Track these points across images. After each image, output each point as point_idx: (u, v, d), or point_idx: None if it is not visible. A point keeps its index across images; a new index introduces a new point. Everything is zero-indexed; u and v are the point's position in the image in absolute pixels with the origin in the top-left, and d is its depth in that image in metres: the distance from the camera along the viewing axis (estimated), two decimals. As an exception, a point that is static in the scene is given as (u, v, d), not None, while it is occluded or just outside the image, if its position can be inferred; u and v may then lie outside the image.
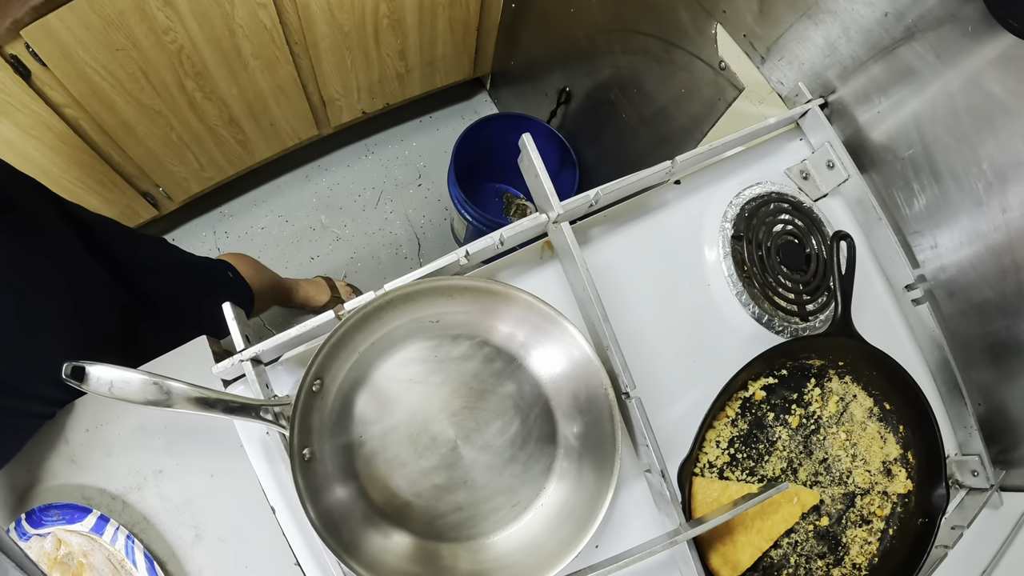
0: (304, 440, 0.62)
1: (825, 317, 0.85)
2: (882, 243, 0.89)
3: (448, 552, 0.69)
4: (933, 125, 0.79)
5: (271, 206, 1.96)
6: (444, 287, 0.66)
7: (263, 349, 0.66)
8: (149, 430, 0.72)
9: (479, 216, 1.64)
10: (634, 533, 0.74)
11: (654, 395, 0.76)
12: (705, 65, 1.09)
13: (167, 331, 0.83)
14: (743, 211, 0.85)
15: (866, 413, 0.83)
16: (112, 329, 0.87)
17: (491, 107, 2.13)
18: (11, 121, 1.18)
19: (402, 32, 1.60)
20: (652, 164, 0.77)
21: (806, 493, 0.79)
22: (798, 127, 0.94)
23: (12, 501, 0.70)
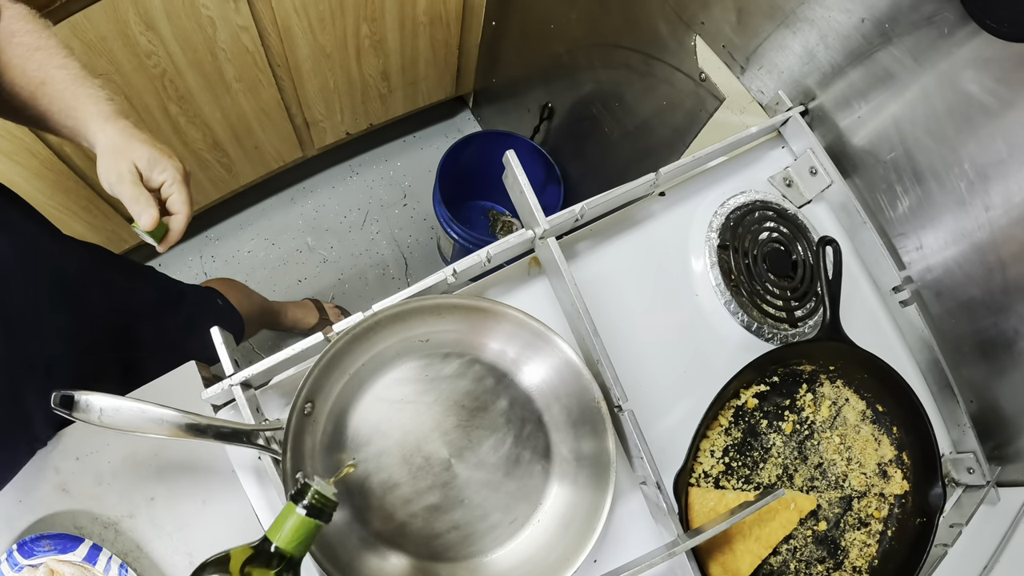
0: (297, 464, 0.62)
1: (814, 323, 0.86)
2: (868, 246, 0.90)
3: (446, 572, 0.68)
4: (913, 127, 0.80)
5: (257, 229, 1.96)
6: (433, 306, 0.66)
7: (252, 373, 0.65)
8: (140, 457, 0.71)
9: (465, 234, 1.64)
10: (632, 546, 0.74)
11: (647, 407, 0.76)
12: (686, 77, 1.10)
13: (156, 359, 0.82)
14: (728, 220, 0.85)
15: (859, 416, 0.83)
16: (103, 356, 0.86)
17: (474, 125, 2.14)
18: None
19: (384, 52, 1.60)
20: (636, 177, 0.77)
21: (803, 498, 0.79)
22: (780, 135, 0.95)
23: (4, 532, 0.69)
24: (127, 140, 0.70)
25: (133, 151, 0.69)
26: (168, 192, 0.71)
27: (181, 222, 0.72)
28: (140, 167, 0.69)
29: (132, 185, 0.68)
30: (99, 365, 0.85)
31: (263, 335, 1.84)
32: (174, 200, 0.72)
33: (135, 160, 0.69)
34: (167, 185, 0.71)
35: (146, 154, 0.69)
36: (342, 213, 2.00)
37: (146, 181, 0.70)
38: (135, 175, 0.68)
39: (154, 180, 0.70)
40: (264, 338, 1.85)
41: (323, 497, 0.53)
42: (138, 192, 0.68)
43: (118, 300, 0.92)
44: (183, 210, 0.72)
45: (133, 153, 0.69)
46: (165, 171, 0.70)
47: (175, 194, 0.71)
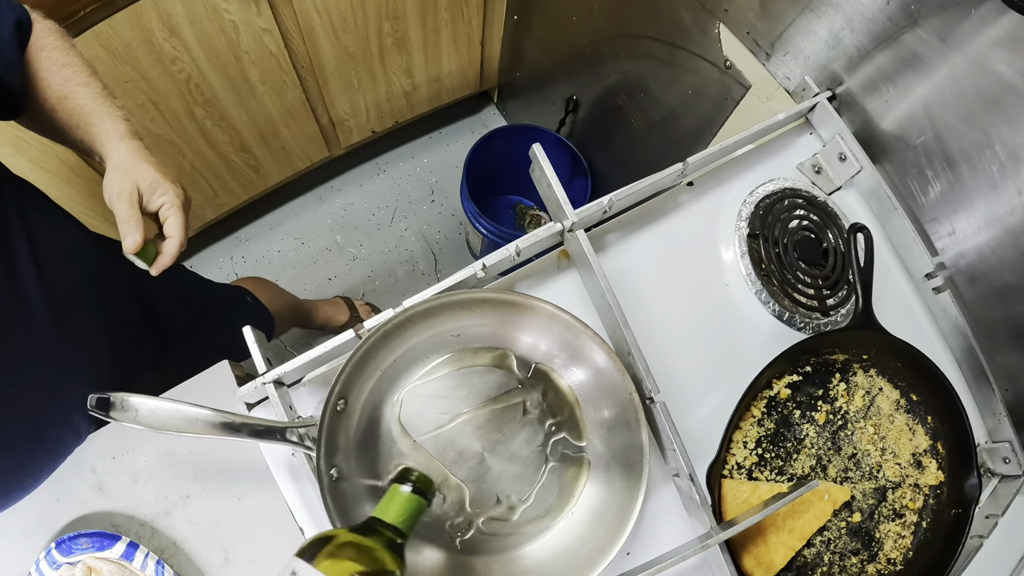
0: (331, 460, 0.62)
1: (846, 311, 0.85)
2: (899, 233, 0.89)
3: (481, 566, 0.68)
4: (943, 110, 0.78)
5: (286, 229, 1.98)
6: (463, 301, 0.67)
7: (285, 371, 0.66)
8: (175, 456, 0.72)
9: (494, 229, 1.64)
10: (665, 538, 0.74)
11: (678, 399, 0.76)
12: (710, 65, 1.09)
13: (187, 357, 0.83)
14: (758, 209, 0.85)
15: (893, 406, 0.82)
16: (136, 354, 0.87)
17: (500, 119, 2.14)
18: (25, 156, 1.19)
19: (407, 50, 1.61)
20: (663, 167, 0.77)
21: (837, 490, 0.78)
22: (807, 121, 0.93)
23: (42, 531, 0.71)
24: (136, 160, 0.71)
25: (139, 171, 0.70)
26: (165, 215, 0.72)
27: (174, 246, 0.72)
28: (142, 188, 0.70)
29: (128, 206, 0.69)
30: (132, 363, 0.86)
31: (295, 333, 1.86)
32: (170, 224, 0.72)
33: (138, 181, 0.70)
34: (165, 208, 0.72)
35: (150, 176, 0.71)
36: (370, 211, 2.02)
37: (145, 203, 0.71)
38: (135, 196, 0.69)
39: (153, 203, 0.71)
40: (296, 336, 1.87)
41: (425, 478, 0.60)
42: (131, 214, 0.69)
43: (150, 299, 0.93)
44: (177, 234, 0.72)
45: (139, 174, 0.70)
46: (165, 194, 0.71)
47: (172, 218, 0.72)
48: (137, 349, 0.89)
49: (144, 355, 0.90)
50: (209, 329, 1.07)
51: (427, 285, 0.68)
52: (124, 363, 0.83)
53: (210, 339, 1.03)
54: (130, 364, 0.85)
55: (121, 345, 0.83)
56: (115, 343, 0.82)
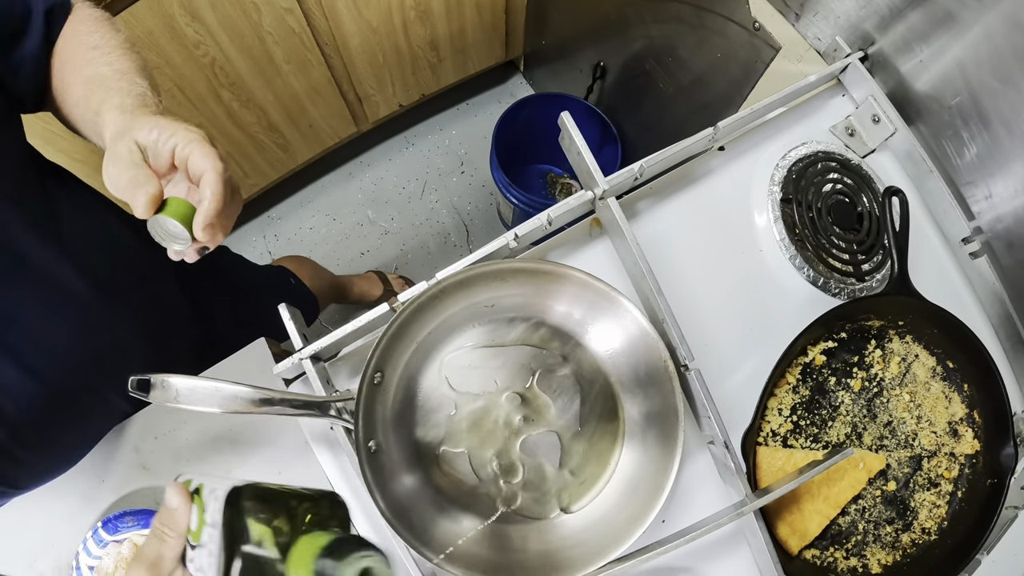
0: (369, 433, 0.63)
1: (882, 276, 0.83)
2: (935, 196, 0.87)
3: (517, 534, 0.69)
4: (978, 70, 0.76)
5: (317, 206, 1.99)
6: (496, 271, 0.66)
7: (321, 346, 0.66)
8: (216, 433, 0.73)
9: (525, 198, 1.63)
10: (700, 506, 0.74)
11: (713, 366, 0.76)
12: (739, 27, 1.07)
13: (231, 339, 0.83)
14: (790, 173, 0.83)
15: (929, 373, 0.81)
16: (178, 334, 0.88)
17: (527, 89, 2.12)
18: (55, 148, 1.20)
19: (430, 22, 1.59)
20: (694, 132, 0.76)
21: (872, 458, 0.78)
22: (839, 83, 0.91)
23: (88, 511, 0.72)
24: (130, 121, 0.56)
25: (135, 129, 0.55)
26: (184, 154, 0.54)
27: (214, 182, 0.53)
28: (142, 142, 0.55)
29: (128, 166, 0.54)
30: (173, 346, 0.86)
31: (330, 309, 1.88)
32: (195, 160, 0.54)
33: (136, 138, 0.55)
34: (180, 148, 0.54)
35: (149, 124, 0.55)
36: (400, 184, 2.02)
37: (152, 157, 0.55)
38: (135, 154, 0.54)
39: (162, 151, 0.55)
40: (331, 311, 1.89)
41: None
42: (133, 173, 0.53)
43: (191, 282, 0.93)
44: (210, 164, 0.54)
45: (134, 131, 0.55)
46: (174, 134, 0.54)
47: (193, 154, 0.54)
48: (177, 332, 0.88)
49: (185, 338, 0.90)
50: (255, 312, 1.07)
51: (459, 257, 0.67)
52: (163, 346, 0.82)
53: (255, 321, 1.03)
54: (170, 347, 0.85)
55: (159, 328, 0.82)
56: (153, 327, 0.80)
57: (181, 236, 0.55)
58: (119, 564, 0.69)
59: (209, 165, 0.53)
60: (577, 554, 0.67)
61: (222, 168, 0.54)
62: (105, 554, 0.69)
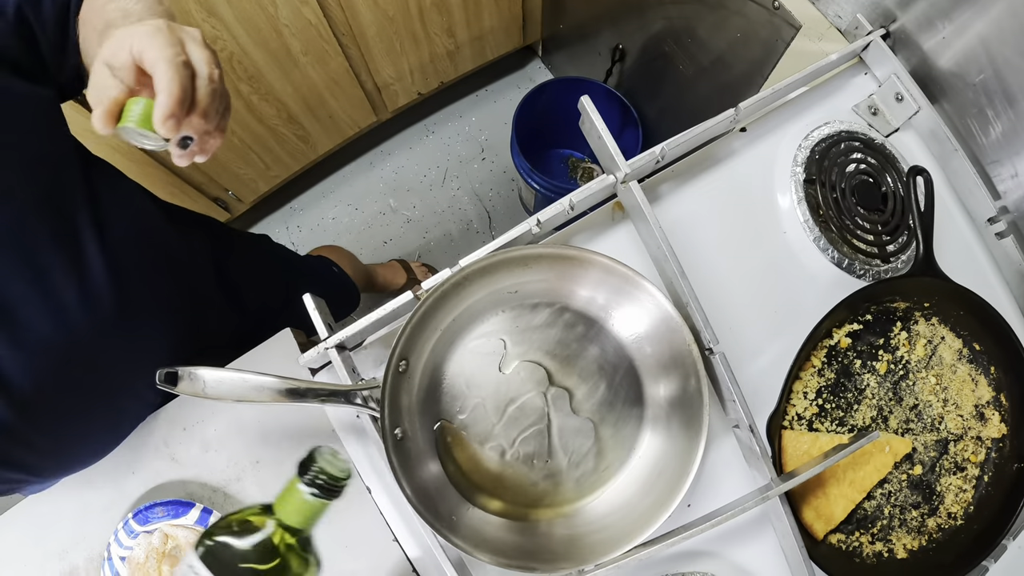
0: (395, 420, 0.63)
1: (907, 257, 0.83)
2: (960, 176, 0.86)
3: (543, 518, 0.69)
4: (1002, 47, 0.75)
5: (339, 196, 1.99)
6: (519, 257, 0.66)
7: (347, 335, 0.66)
8: (243, 423, 0.74)
9: (546, 183, 1.63)
10: (726, 490, 0.74)
11: (737, 349, 0.75)
12: (759, 6, 1.05)
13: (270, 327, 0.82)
14: (813, 153, 0.82)
15: (955, 355, 0.80)
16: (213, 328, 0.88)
17: (546, 73, 2.11)
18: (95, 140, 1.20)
19: (447, 9, 1.58)
20: (714, 114, 0.75)
21: (898, 441, 0.77)
22: (861, 61, 0.90)
23: (119, 503, 0.73)
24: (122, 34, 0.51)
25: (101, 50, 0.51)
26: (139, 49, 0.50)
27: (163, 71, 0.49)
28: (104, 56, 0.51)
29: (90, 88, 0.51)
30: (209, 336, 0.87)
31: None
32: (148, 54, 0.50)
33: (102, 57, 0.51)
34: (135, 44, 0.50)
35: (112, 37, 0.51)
36: (421, 172, 2.02)
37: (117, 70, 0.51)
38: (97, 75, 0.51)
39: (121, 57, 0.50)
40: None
41: (329, 476, 0.48)
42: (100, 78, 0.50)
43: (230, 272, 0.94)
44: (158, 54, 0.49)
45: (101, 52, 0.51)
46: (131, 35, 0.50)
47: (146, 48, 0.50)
48: (214, 322, 0.88)
49: (220, 328, 0.90)
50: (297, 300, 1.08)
51: (482, 243, 0.67)
52: (198, 336, 0.83)
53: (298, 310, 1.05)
54: (206, 337, 0.85)
55: (195, 319, 0.82)
56: (188, 317, 0.80)
57: (148, 136, 0.52)
58: (150, 554, 0.69)
59: (158, 55, 0.49)
60: (602, 539, 0.67)
61: (173, 53, 0.50)
62: (136, 544, 0.70)
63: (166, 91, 0.49)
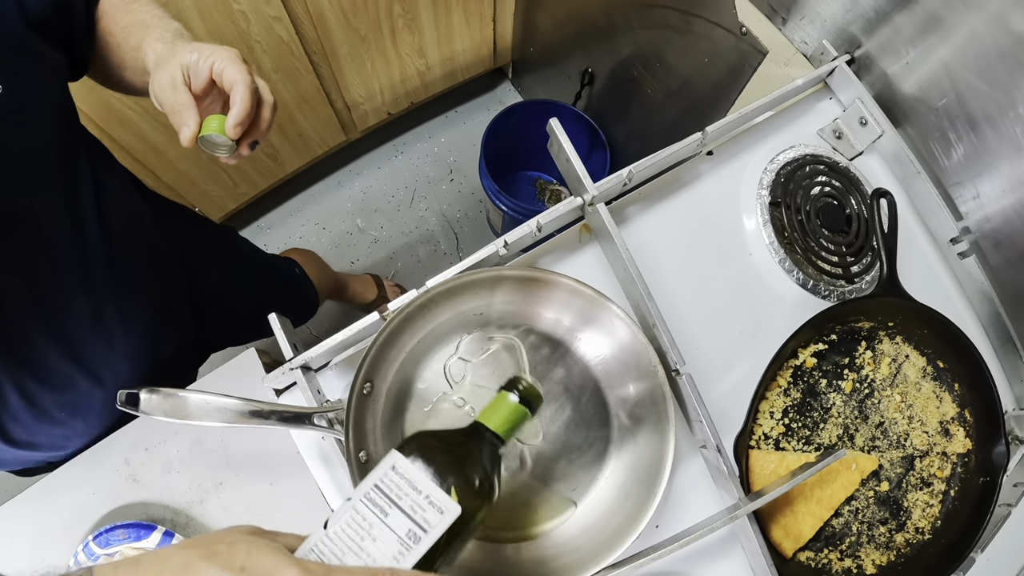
0: (360, 443, 0.63)
1: (871, 278, 0.84)
2: (923, 197, 0.87)
3: (511, 543, 0.69)
4: (964, 72, 0.76)
5: (307, 215, 1.99)
6: (485, 279, 0.66)
7: (311, 356, 0.66)
8: (207, 444, 0.73)
9: (514, 205, 1.64)
10: (694, 511, 0.74)
11: (704, 370, 0.76)
12: (726, 32, 1.07)
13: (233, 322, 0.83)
14: (779, 176, 0.83)
15: (920, 373, 0.81)
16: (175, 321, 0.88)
17: (515, 95, 2.13)
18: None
19: (418, 30, 1.60)
20: (682, 137, 0.76)
21: (864, 459, 0.78)
22: (826, 86, 0.92)
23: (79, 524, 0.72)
24: (173, 48, 0.64)
25: (177, 54, 0.62)
26: (220, 69, 0.61)
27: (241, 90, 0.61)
28: (184, 62, 0.62)
29: (171, 90, 0.61)
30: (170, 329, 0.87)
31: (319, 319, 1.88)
32: (228, 73, 0.61)
33: (181, 62, 0.62)
34: (217, 64, 0.61)
35: (189, 48, 0.62)
36: (389, 193, 2.02)
37: (192, 79, 0.62)
38: (178, 79, 0.62)
39: (202, 69, 0.62)
40: (321, 320, 1.89)
41: (533, 389, 0.56)
42: (176, 99, 0.61)
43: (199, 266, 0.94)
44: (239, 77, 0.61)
45: (177, 56, 0.62)
46: (212, 53, 0.61)
47: (227, 68, 0.61)
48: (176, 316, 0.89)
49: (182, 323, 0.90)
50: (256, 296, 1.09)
51: (449, 264, 0.68)
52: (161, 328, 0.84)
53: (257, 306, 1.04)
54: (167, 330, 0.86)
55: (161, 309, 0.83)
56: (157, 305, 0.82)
57: (222, 144, 0.64)
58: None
59: (239, 77, 0.61)
60: (571, 561, 0.67)
61: (250, 80, 0.62)
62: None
63: (242, 103, 0.61)
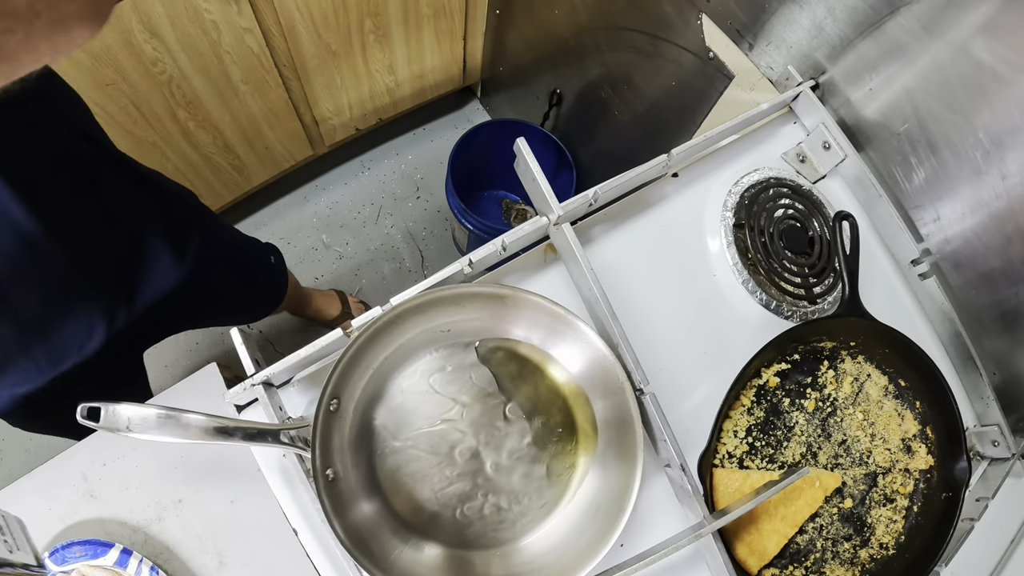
0: (326, 460, 0.62)
1: (833, 299, 0.85)
2: (884, 220, 0.89)
3: (480, 560, 0.68)
4: (926, 98, 0.79)
5: (272, 229, 1.97)
6: (453, 295, 0.66)
7: (274, 372, 0.65)
8: (166, 460, 0.72)
9: (480, 224, 1.64)
10: (659, 529, 0.74)
11: (668, 389, 0.76)
12: (693, 56, 1.09)
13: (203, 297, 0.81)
14: (743, 199, 0.85)
15: (881, 391, 0.83)
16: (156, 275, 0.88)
17: (483, 115, 2.14)
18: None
19: (389, 47, 1.60)
20: (648, 159, 0.77)
21: (828, 476, 0.79)
22: (791, 111, 0.94)
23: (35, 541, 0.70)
24: None
25: None
26: None
27: None
28: None
29: None
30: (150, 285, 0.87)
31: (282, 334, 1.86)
32: None
33: None
34: None
35: None
36: (355, 209, 2.01)
37: None
38: None
39: None
40: (284, 335, 1.87)
41: None
42: None
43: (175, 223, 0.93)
44: None
45: None
46: None
47: None
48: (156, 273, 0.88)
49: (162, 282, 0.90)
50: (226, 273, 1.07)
51: (414, 282, 0.68)
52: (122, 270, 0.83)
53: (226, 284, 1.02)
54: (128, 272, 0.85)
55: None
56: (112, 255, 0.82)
57: None
58: (67, 598, 0.67)
59: None
60: (540, 578, 0.67)
61: None
62: (52, 587, 0.68)
63: None
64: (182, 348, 1.84)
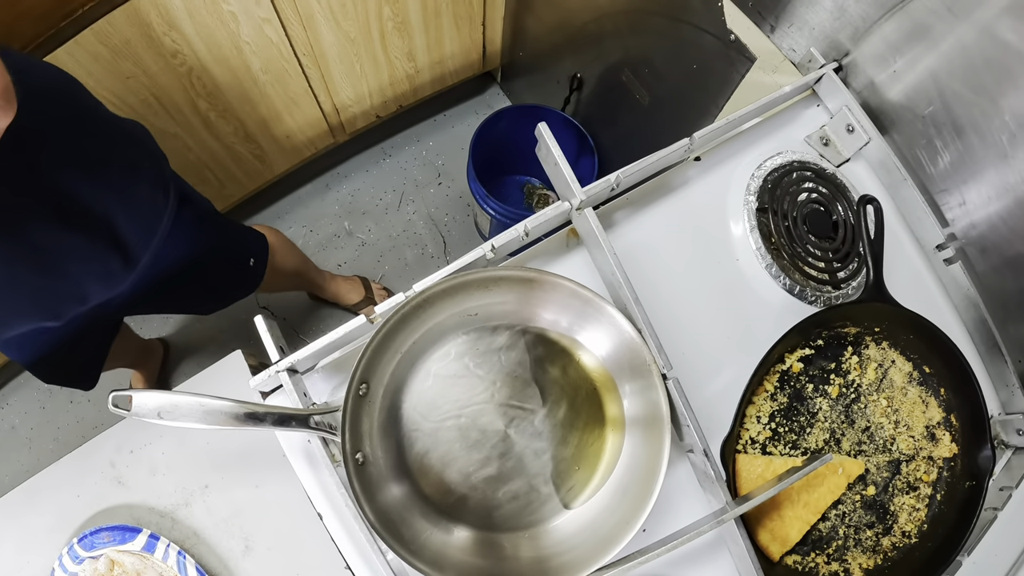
0: (356, 444, 0.63)
1: (857, 284, 0.85)
2: (909, 204, 0.88)
3: (509, 542, 0.69)
4: (951, 80, 0.77)
5: (294, 217, 1.98)
6: (480, 279, 0.66)
7: (298, 358, 0.66)
8: (192, 447, 0.73)
9: (502, 209, 1.64)
10: (681, 515, 0.74)
11: (691, 374, 0.76)
12: (715, 39, 1.08)
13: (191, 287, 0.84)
14: (766, 183, 0.84)
15: (906, 378, 0.82)
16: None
17: (504, 100, 2.14)
18: None
19: (408, 33, 1.60)
20: (670, 143, 0.76)
21: (851, 463, 0.78)
22: (814, 93, 0.93)
23: (63, 527, 0.71)
24: None
25: None
26: None
27: None
28: None
29: None
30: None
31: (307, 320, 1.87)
32: None
33: None
34: None
35: None
36: (377, 196, 2.02)
37: None
38: None
39: None
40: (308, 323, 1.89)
41: None
42: None
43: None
44: None
45: None
46: None
47: None
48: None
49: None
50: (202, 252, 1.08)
51: (436, 268, 0.68)
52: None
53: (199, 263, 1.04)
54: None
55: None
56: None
57: None
58: (97, 581, 0.68)
59: None
60: (568, 560, 0.67)
61: None
62: (81, 570, 0.69)
63: None
64: (206, 335, 1.86)
